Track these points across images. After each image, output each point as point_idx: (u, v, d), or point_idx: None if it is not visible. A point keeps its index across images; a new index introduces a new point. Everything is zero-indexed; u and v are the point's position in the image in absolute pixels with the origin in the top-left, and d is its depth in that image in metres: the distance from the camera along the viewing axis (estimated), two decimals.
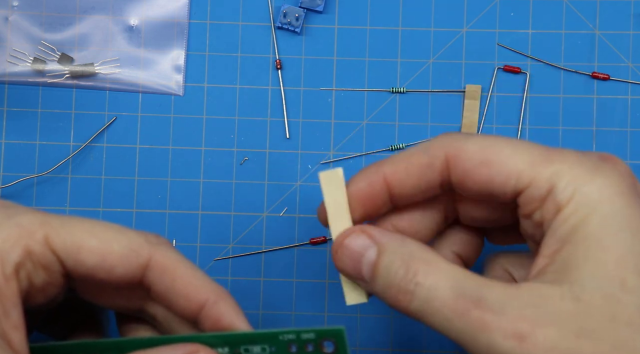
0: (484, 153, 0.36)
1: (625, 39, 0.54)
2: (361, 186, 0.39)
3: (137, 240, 0.38)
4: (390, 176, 0.38)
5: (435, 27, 0.54)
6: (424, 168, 0.38)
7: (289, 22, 0.54)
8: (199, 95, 0.54)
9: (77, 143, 0.54)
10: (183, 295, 0.38)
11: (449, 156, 0.37)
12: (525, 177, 0.36)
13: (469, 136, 0.37)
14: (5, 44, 0.54)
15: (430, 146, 0.38)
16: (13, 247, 0.36)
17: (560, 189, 0.35)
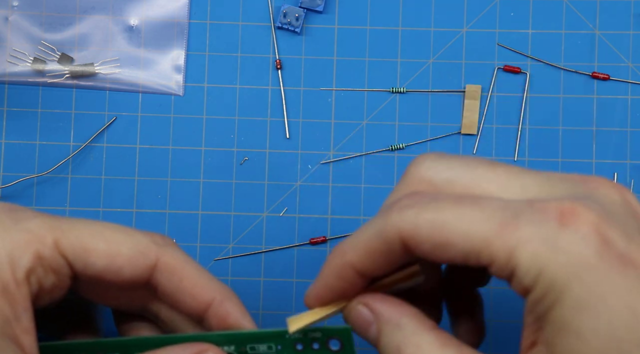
0: (435, 235, 0.34)
1: (625, 39, 0.54)
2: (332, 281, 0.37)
3: (144, 242, 0.38)
4: (356, 265, 0.36)
5: (435, 27, 0.54)
6: (386, 254, 0.36)
7: (289, 22, 0.54)
8: (199, 95, 0.54)
9: (77, 143, 0.54)
10: (190, 295, 0.39)
11: (404, 239, 0.35)
12: (484, 257, 0.33)
13: (422, 207, 0.34)
14: (5, 44, 0.54)
15: (384, 228, 0.35)
16: (24, 252, 0.36)
17: (523, 272, 0.32)
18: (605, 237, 0.32)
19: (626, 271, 0.31)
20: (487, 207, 0.33)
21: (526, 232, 0.32)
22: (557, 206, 0.32)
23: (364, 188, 0.54)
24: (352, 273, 0.36)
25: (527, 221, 0.32)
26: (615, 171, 0.53)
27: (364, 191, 0.54)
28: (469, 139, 0.54)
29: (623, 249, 0.31)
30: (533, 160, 0.54)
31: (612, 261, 0.31)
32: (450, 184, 0.36)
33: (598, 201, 0.33)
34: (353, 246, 0.36)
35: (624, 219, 0.33)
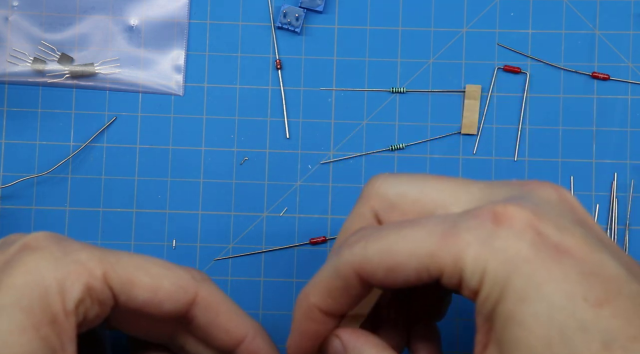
0: (385, 261, 0.36)
1: (625, 39, 0.54)
2: (303, 325, 0.39)
3: (185, 277, 0.40)
4: (321, 306, 0.38)
5: (435, 27, 0.54)
6: (345, 290, 0.38)
7: (289, 22, 0.54)
8: (199, 95, 0.54)
9: (77, 143, 0.54)
10: (225, 330, 0.41)
11: (358, 273, 0.37)
12: (433, 270, 0.35)
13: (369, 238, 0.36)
14: (5, 44, 0.54)
15: (339, 266, 0.37)
16: (75, 283, 0.37)
17: (469, 275, 0.34)
18: (538, 230, 0.33)
19: (561, 260, 0.33)
20: (426, 224, 0.35)
21: (465, 238, 0.34)
22: (490, 210, 0.34)
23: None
24: (319, 314, 0.38)
25: (465, 228, 0.34)
26: (615, 171, 0.53)
27: None
28: (469, 139, 0.54)
29: (557, 240, 0.33)
30: (533, 160, 0.54)
31: (547, 251, 0.33)
32: (402, 197, 0.38)
33: (532, 200, 0.35)
34: (314, 288, 0.38)
35: (558, 213, 0.35)
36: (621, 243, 0.53)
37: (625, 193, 0.53)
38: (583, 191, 0.53)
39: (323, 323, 0.39)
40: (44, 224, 0.53)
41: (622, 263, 0.34)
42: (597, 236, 0.35)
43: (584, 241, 0.34)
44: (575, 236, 0.34)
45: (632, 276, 0.33)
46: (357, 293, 0.38)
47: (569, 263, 0.33)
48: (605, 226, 0.53)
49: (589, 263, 0.33)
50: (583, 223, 0.35)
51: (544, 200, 0.36)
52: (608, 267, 0.33)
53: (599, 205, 0.53)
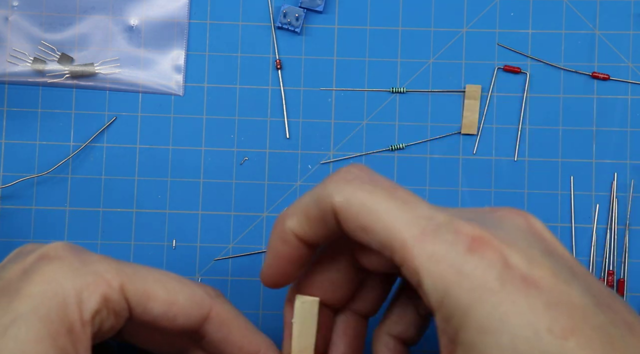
0: (363, 217, 0.36)
1: (625, 39, 0.54)
2: (278, 247, 0.40)
3: (199, 293, 0.40)
4: (296, 230, 0.39)
5: (435, 27, 0.54)
6: (321, 221, 0.38)
7: (289, 22, 0.54)
8: (199, 95, 0.54)
9: (77, 143, 0.54)
10: (237, 346, 0.41)
11: (336, 212, 0.37)
12: (397, 256, 0.35)
13: (358, 185, 0.37)
14: (5, 44, 0.54)
15: (320, 197, 0.37)
16: (92, 294, 0.37)
17: (429, 290, 0.34)
18: (507, 261, 0.33)
19: (528, 291, 0.33)
20: (415, 210, 0.35)
21: (438, 250, 0.34)
22: (470, 231, 0.34)
23: None
24: (294, 238, 0.39)
25: (442, 238, 0.34)
26: (615, 171, 0.53)
27: None
28: (469, 139, 0.54)
29: (525, 271, 0.33)
30: (533, 160, 0.54)
31: (514, 283, 0.33)
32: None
33: (504, 228, 0.35)
34: (292, 212, 0.39)
35: (528, 243, 0.35)
36: (621, 243, 0.53)
37: (625, 193, 0.53)
38: (583, 191, 0.53)
39: (296, 247, 0.39)
40: (44, 224, 0.53)
41: (591, 293, 0.33)
42: (567, 265, 0.35)
43: (552, 271, 0.34)
44: (543, 267, 0.34)
45: (600, 306, 0.33)
46: (332, 227, 0.38)
47: (535, 294, 0.33)
48: (605, 226, 0.53)
49: (555, 294, 0.33)
50: (552, 252, 0.35)
51: (514, 228, 0.36)
52: (575, 297, 0.33)
53: (599, 205, 0.53)
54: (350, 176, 0.37)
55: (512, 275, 0.33)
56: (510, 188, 0.53)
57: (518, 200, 0.53)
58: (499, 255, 0.34)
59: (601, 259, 0.53)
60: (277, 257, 0.40)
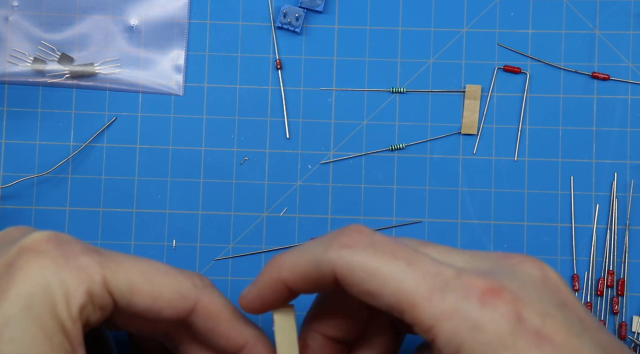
0: (368, 284, 0.36)
1: (625, 39, 0.54)
2: (264, 292, 0.40)
3: (186, 284, 0.40)
4: (289, 283, 0.39)
5: (435, 27, 0.54)
6: (318, 282, 0.38)
7: (289, 22, 0.54)
8: (199, 95, 0.54)
9: (77, 143, 0.54)
10: (224, 337, 0.41)
11: (338, 277, 0.37)
12: (407, 317, 0.35)
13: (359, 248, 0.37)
14: (5, 44, 0.54)
15: (321, 260, 0.37)
16: (77, 290, 0.37)
17: (443, 345, 0.34)
18: (520, 315, 0.34)
19: (540, 346, 0.33)
20: (420, 269, 0.35)
21: (450, 306, 0.34)
22: (481, 284, 0.35)
23: (364, 188, 0.54)
24: (284, 287, 0.39)
25: (453, 294, 0.34)
26: (615, 171, 0.53)
27: (364, 191, 0.54)
28: (469, 139, 0.54)
29: (538, 326, 0.34)
30: (533, 160, 0.54)
31: (528, 337, 0.33)
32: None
33: (518, 278, 0.35)
34: (290, 265, 0.39)
35: (542, 296, 0.35)
36: (621, 243, 0.53)
37: (625, 193, 0.53)
38: (583, 191, 0.53)
39: (283, 295, 0.39)
40: (44, 224, 0.53)
41: (601, 347, 0.34)
42: (578, 318, 0.35)
43: (564, 325, 0.34)
44: (555, 321, 0.34)
45: None
46: (329, 287, 0.38)
47: (547, 349, 0.33)
48: (605, 226, 0.53)
49: (567, 349, 0.33)
50: (565, 305, 0.35)
51: (529, 278, 0.36)
52: (587, 352, 0.33)
53: (599, 205, 0.53)
54: (350, 240, 0.37)
55: (525, 329, 0.33)
56: (510, 188, 0.53)
57: (518, 200, 0.53)
58: (512, 308, 0.34)
59: (601, 259, 0.53)
60: (261, 295, 0.40)
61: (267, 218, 0.53)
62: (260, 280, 0.40)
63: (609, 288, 0.53)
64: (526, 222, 0.53)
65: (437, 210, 0.53)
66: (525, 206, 0.53)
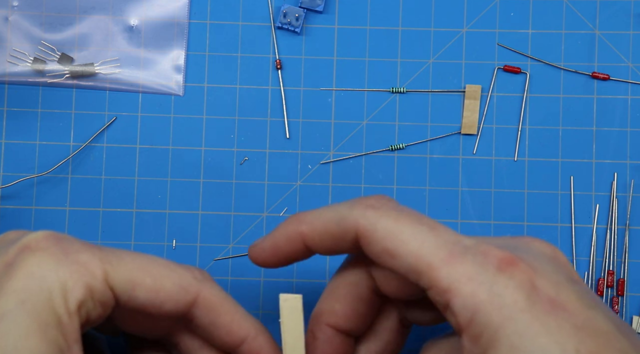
0: (388, 242, 0.37)
1: (625, 39, 0.54)
2: (280, 243, 0.41)
3: (186, 277, 0.40)
4: (307, 238, 0.40)
5: (435, 27, 0.54)
6: (337, 240, 0.39)
7: (289, 22, 0.54)
8: (199, 95, 0.54)
9: (77, 143, 0.54)
10: (226, 330, 0.41)
11: (359, 235, 0.38)
12: (424, 279, 0.36)
13: (384, 211, 0.37)
14: (5, 44, 0.54)
15: (344, 218, 0.38)
16: (76, 285, 0.37)
17: (459, 309, 0.35)
18: (535, 284, 0.35)
19: (556, 313, 0.34)
20: (441, 235, 0.36)
21: (468, 270, 0.35)
22: (498, 253, 0.35)
23: (364, 188, 0.54)
24: (300, 242, 0.40)
25: (472, 260, 0.35)
26: (615, 171, 0.53)
27: (364, 191, 0.54)
28: (469, 139, 0.54)
29: (553, 295, 0.34)
30: (533, 160, 0.54)
31: (543, 304, 0.34)
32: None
33: (532, 253, 0.36)
34: (311, 220, 0.39)
35: (554, 270, 0.36)
36: (621, 243, 0.53)
37: (625, 193, 0.53)
38: (583, 191, 0.53)
39: (298, 248, 0.40)
40: (44, 224, 0.53)
41: (612, 320, 0.35)
42: (588, 293, 0.36)
43: (578, 297, 0.35)
44: (569, 292, 0.35)
45: (621, 332, 0.34)
46: (345, 246, 0.39)
47: (563, 317, 0.34)
48: (605, 226, 0.53)
49: (582, 318, 0.34)
50: (575, 281, 0.36)
51: (540, 254, 0.37)
52: (600, 323, 0.34)
53: (599, 205, 0.53)
54: (376, 203, 0.38)
55: (540, 297, 0.34)
56: (510, 188, 0.53)
57: (518, 200, 0.53)
58: (527, 277, 0.35)
59: (601, 259, 0.53)
60: (275, 248, 0.40)
61: (267, 218, 0.53)
62: (278, 231, 0.40)
63: (609, 288, 0.53)
64: (526, 222, 0.53)
65: (437, 210, 0.53)
66: (525, 206, 0.53)
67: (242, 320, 0.41)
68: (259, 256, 0.41)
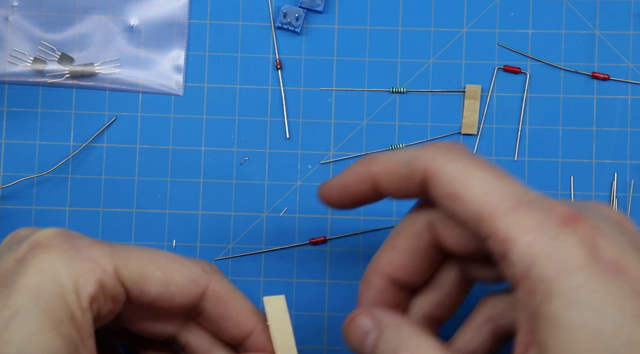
0: (454, 185, 0.36)
1: (625, 39, 0.54)
2: (349, 182, 0.41)
3: (196, 270, 0.40)
4: (376, 176, 0.39)
5: (435, 27, 0.54)
6: (405, 179, 0.38)
7: (289, 22, 0.54)
8: (199, 95, 0.54)
9: (77, 143, 0.54)
10: (234, 322, 0.41)
11: (426, 176, 0.37)
12: (484, 226, 0.35)
13: (454, 157, 0.37)
14: (5, 44, 0.54)
15: (413, 159, 0.38)
16: (88, 280, 0.37)
17: (516, 259, 0.34)
18: (598, 245, 0.34)
19: (617, 276, 0.33)
20: (509, 185, 0.35)
21: (530, 221, 0.34)
22: (563, 209, 0.35)
23: None
24: (369, 182, 0.40)
25: (535, 212, 0.34)
26: (615, 171, 0.53)
27: None
28: (469, 139, 0.54)
29: (615, 258, 0.33)
30: (533, 160, 0.54)
31: (604, 264, 0.33)
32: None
33: (597, 214, 0.35)
34: (381, 160, 0.39)
35: (618, 233, 0.35)
36: None
37: (625, 193, 0.53)
38: (583, 191, 0.53)
39: (366, 189, 0.40)
40: (44, 224, 0.53)
41: None
42: None
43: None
44: (632, 256, 0.34)
45: None
46: (413, 189, 0.38)
47: (623, 280, 0.33)
48: None
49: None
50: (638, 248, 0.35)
51: (607, 218, 0.36)
52: None
53: None
54: (448, 147, 0.38)
55: (601, 257, 0.33)
56: None
57: None
58: (590, 235, 0.34)
59: None
60: (344, 187, 0.40)
61: (267, 218, 0.53)
62: (347, 171, 0.40)
63: None
64: None
65: None
66: None
67: (250, 312, 0.41)
68: (327, 193, 0.41)
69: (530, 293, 0.33)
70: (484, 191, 0.35)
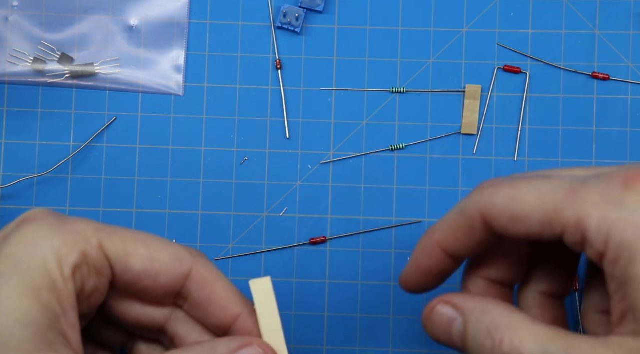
0: (510, 208, 0.36)
1: (625, 39, 0.54)
2: (420, 259, 0.40)
3: (181, 251, 0.40)
4: (442, 243, 0.39)
5: (435, 27, 0.54)
6: (468, 230, 0.38)
7: (289, 22, 0.54)
8: (199, 95, 0.54)
9: (77, 143, 0.54)
10: (220, 306, 0.40)
11: (483, 215, 0.37)
12: (556, 226, 0.35)
13: (499, 185, 0.37)
14: (5, 44, 0.54)
15: (465, 206, 0.38)
16: (71, 250, 0.37)
17: (593, 236, 0.34)
18: None
19: None
20: (556, 180, 0.36)
21: (593, 196, 0.34)
22: (622, 173, 0.34)
23: (364, 188, 0.54)
24: (439, 250, 0.39)
25: (594, 187, 0.34)
26: None
27: (364, 191, 0.54)
28: (469, 139, 0.54)
29: None
30: (533, 160, 0.54)
31: None
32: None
33: None
34: (440, 225, 0.39)
35: None
36: None
37: None
38: None
39: (439, 261, 0.40)
40: None
41: None
42: None
43: None
44: None
45: None
46: (479, 237, 0.38)
47: None
48: None
49: None
50: None
51: None
52: None
53: None
54: (491, 181, 0.38)
55: None
56: None
57: None
58: None
59: None
60: (418, 267, 0.40)
61: (267, 218, 0.53)
62: (415, 251, 0.40)
63: None
64: None
65: (437, 210, 0.53)
66: None
67: (236, 297, 0.41)
68: (408, 284, 0.41)
69: (615, 262, 0.33)
70: (537, 194, 0.36)
